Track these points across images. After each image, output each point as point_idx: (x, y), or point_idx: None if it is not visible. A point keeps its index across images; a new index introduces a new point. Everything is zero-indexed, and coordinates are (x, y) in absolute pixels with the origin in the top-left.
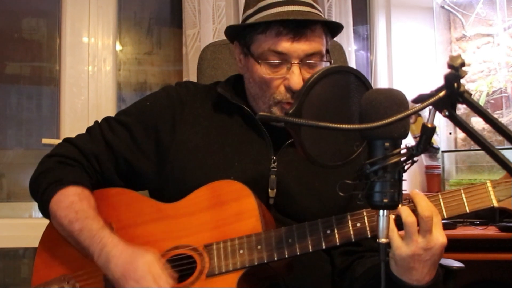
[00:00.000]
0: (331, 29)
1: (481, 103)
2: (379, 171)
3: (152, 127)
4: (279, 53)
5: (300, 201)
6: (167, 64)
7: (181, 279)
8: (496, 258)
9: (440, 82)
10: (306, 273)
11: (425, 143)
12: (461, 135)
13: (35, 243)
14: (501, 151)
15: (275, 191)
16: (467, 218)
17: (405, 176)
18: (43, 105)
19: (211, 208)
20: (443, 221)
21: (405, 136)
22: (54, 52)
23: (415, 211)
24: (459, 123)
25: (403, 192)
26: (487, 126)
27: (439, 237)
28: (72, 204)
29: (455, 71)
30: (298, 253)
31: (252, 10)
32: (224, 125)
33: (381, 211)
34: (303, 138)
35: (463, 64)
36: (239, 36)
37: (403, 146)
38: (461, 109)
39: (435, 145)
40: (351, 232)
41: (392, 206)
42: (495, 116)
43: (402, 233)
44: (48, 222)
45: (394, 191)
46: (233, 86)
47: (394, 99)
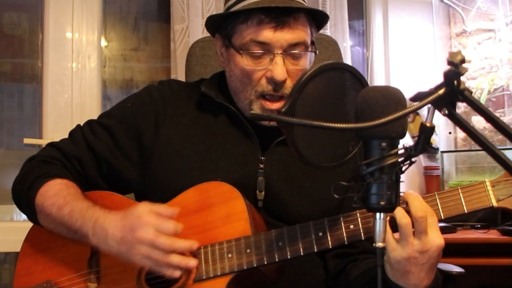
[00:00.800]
0: (317, 20)
1: (482, 101)
2: (375, 172)
3: (134, 129)
4: (261, 43)
5: (290, 203)
6: (154, 60)
7: (167, 284)
8: (498, 263)
9: (440, 79)
10: (298, 278)
11: (424, 143)
12: (461, 134)
13: (17, 247)
14: (503, 151)
15: (263, 193)
16: (468, 222)
17: (402, 177)
18: (25, 104)
19: (199, 210)
20: (443, 224)
21: (402, 136)
22: (37, 48)
23: (409, 212)
24: (459, 122)
25: (400, 194)
26: (488, 125)
27: (435, 238)
28: (60, 191)
29: (455, 68)
30: (289, 257)
31: (233, 0)
32: (209, 125)
33: (377, 214)
34: (296, 138)
35: (463, 61)
36: (220, 27)
37: (400, 146)
38: (461, 107)
39: (434, 145)
40: (344, 235)
41: (389, 209)
42: (497, 114)
43: (397, 235)
44: (31, 226)
45: (391, 193)
46: (218, 84)
47: (391, 97)
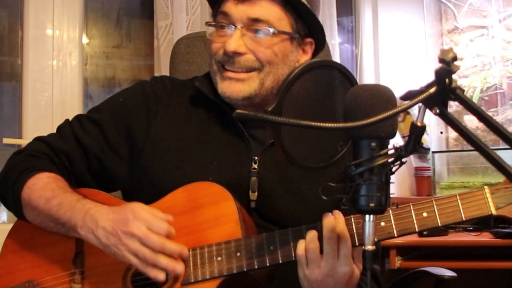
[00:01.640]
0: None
1: (475, 100)
2: (365, 173)
3: (125, 125)
4: (225, 14)
5: (283, 205)
6: (137, 58)
7: (154, 287)
8: (491, 266)
9: (431, 77)
10: (290, 284)
11: (415, 143)
12: (453, 134)
13: None
14: (496, 151)
15: (256, 194)
16: (460, 224)
17: (393, 178)
18: (4, 103)
19: (188, 212)
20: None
21: (393, 136)
22: (16, 45)
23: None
24: (451, 121)
25: (391, 196)
26: (481, 125)
27: (342, 265)
28: (48, 184)
29: (447, 65)
30: (281, 262)
31: None
32: (202, 122)
33: (367, 216)
34: (283, 138)
35: (455, 58)
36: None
37: (390, 146)
38: (453, 106)
39: (425, 145)
40: None
41: (379, 210)
42: (490, 114)
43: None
44: (11, 226)
45: (381, 194)
46: (211, 81)
47: (381, 95)
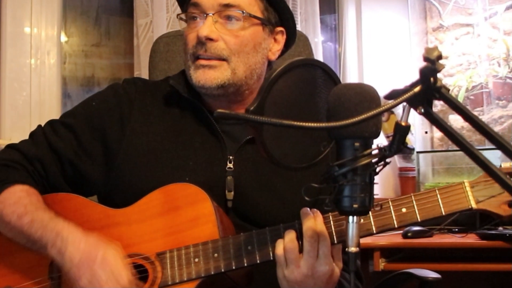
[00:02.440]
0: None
1: (460, 99)
2: (348, 174)
3: (99, 128)
4: (196, 5)
5: (260, 203)
6: (116, 56)
7: None
8: (476, 268)
9: (415, 76)
10: (268, 284)
11: (399, 143)
12: (438, 134)
13: None
14: (481, 151)
15: (232, 193)
16: (445, 225)
17: (377, 179)
18: None
19: (165, 213)
20: (419, 228)
21: (376, 136)
22: None
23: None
24: (435, 121)
25: (375, 197)
26: (466, 125)
27: (322, 264)
28: (20, 199)
29: (432, 64)
30: (259, 262)
31: None
32: (177, 122)
33: (350, 218)
34: (265, 138)
35: (440, 57)
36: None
37: (374, 146)
38: (438, 106)
39: (409, 145)
40: None
41: (363, 211)
42: (475, 113)
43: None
44: None
45: (365, 195)
46: (185, 80)
47: (364, 95)
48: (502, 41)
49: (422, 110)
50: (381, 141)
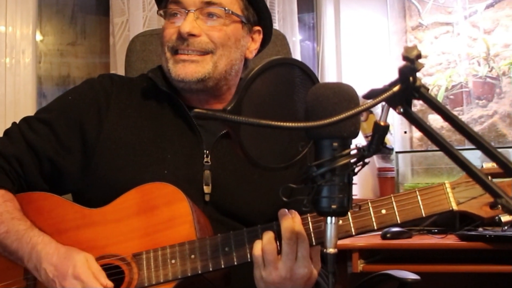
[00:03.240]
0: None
1: (440, 98)
2: (326, 174)
3: (76, 122)
4: (177, 2)
5: (238, 196)
6: (92, 55)
7: None
8: (456, 270)
9: (394, 75)
10: (246, 285)
11: (378, 143)
12: (417, 134)
13: None
14: (461, 151)
15: (210, 187)
16: (424, 226)
17: (355, 179)
18: None
19: (141, 213)
20: (398, 229)
21: (355, 136)
22: None
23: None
24: (415, 120)
25: (353, 197)
26: (445, 124)
27: (300, 266)
28: None
29: (411, 63)
30: (236, 263)
31: None
32: (154, 116)
33: (329, 218)
34: (242, 138)
35: (419, 56)
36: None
37: (353, 146)
38: (417, 105)
39: (388, 145)
40: None
41: (341, 212)
42: (455, 113)
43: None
44: None
45: (343, 196)
46: (163, 74)
47: (343, 94)
48: (482, 40)
49: (401, 110)
50: (359, 141)
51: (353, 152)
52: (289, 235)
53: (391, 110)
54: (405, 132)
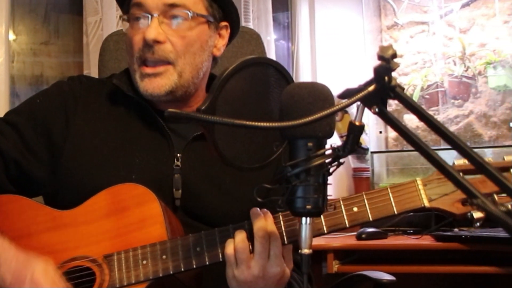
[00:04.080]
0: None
1: (415, 98)
2: (301, 174)
3: (43, 126)
4: (138, 4)
5: (209, 201)
6: (66, 55)
7: None
8: (431, 270)
9: (370, 75)
10: (218, 284)
11: (353, 143)
12: (392, 134)
13: None
14: (436, 151)
15: (180, 191)
16: (400, 226)
17: (330, 179)
18: None
19: (112, 214)
20: (373, 229)
21: (330, 135)
22: None
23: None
24: (390, 120)
25: (328, 198)
26: (421, 124)
27: (273, 265)
28: None
29: (386, 63)
30: (208, 263)
31: None
32: (122, 120)
33: (303, 219)
34: (217, 138)
35: (394, 55)
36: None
37: (328, 146)
38: (393, 105)
39: (363, 145)
40: None
41: (316, 213)
42: (430, 113)
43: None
44: None
45: (318, 196)
46: (129, 78)
47: (318, 94)
48: (458, 39)
49: (377, 110)
50: (334, 141)
51: (328, 152)
52: (262, 233)
53: (366, 110)
54: (380, 132)
